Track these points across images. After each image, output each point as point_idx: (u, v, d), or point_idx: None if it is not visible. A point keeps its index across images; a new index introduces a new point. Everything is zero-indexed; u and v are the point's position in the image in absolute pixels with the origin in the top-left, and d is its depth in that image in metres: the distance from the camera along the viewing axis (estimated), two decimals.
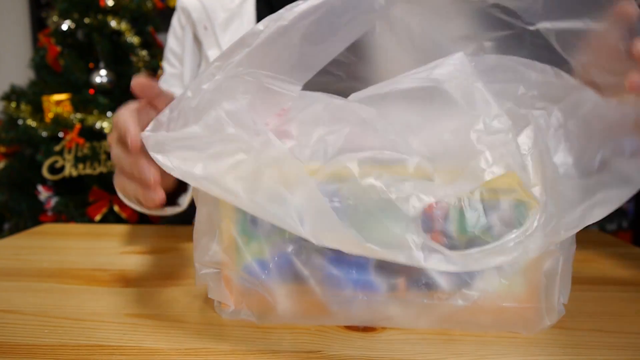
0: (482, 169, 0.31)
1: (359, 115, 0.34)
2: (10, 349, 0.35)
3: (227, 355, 0.34)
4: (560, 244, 0.35)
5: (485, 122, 0.32)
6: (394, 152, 0.33)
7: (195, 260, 0.38)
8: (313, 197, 0.31)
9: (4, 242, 0.66)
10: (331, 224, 0.31)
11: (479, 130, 0.32)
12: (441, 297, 0.35)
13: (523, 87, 0.36)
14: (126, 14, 1.48)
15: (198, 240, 0.38)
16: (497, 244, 0.31)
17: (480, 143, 0.32)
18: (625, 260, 0.57)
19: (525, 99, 0.36)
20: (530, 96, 0.36)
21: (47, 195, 1.43)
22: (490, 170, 0.31)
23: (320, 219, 0.31)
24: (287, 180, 0.31)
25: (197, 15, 0.74)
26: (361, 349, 0.35)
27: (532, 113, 0.35)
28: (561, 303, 0.36)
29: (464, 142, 0.32)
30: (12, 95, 1.52)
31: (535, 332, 0.37)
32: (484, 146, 0.32)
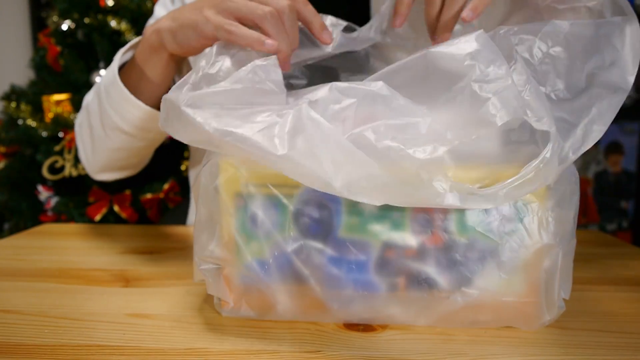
0: (493, 114, 0.32)
1: (366, 90, 0.35)
2: (10, 349, 0.35)
3: (227, 355, 0.34)
4: (559, 239, 0.35)
5: (481, 69, 0.33)
6: (405, 117, 0.33)
7: (195, 255, 0.38)
8: (347, 150, 0.31)
9: (4, 242, 0.66)
10: (366, 174, 0.31)
11: (478, 79, 0.33)
12: (441, 295, 0.35)
13: (504, 29, 0.37)
14: (126, 14, 1.48)
15: (199, 235, 0.38)
16: (518, 177, 0.31)
17: (483, 91, 0.32)
18: (625, 260, 0.57)
19: (507, 36, 0.37)
20: (511, 33, 0.37)
21: (47, 195, 1.42)
22: (499, 116, 0.32)
23: (355, 171, 0.31)
24: (320, 137, 0.32)
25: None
26: (361, 349, 0.35)
27: (515, 49, 0.36)
28: (562, 298, 0.36)
29: (469, 95, 0.33)
30: (12, 95, 1.52)
31: (536, 327, 0.37)
32: (488, 93, 0.32)
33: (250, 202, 0.36)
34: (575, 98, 0.35)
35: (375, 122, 0.33)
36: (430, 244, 0.35)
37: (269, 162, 0.32)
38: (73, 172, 1.40)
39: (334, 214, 0.35)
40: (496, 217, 0.35)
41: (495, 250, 0.35)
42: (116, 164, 0.71)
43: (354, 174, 0.31)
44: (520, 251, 0.35)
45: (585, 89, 0.35)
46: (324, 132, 0.32)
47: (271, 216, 0.36)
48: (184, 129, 0.35)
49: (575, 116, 0.34)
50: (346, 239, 0.36)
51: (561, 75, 0.35)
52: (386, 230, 0.35)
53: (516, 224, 0.35)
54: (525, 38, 0.36)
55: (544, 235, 0.35)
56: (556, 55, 0.36)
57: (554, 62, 0.35)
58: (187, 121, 0.34)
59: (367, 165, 0.31)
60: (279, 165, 0.32)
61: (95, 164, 0.71)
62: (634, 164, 2.01)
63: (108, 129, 0.63)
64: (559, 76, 0.35)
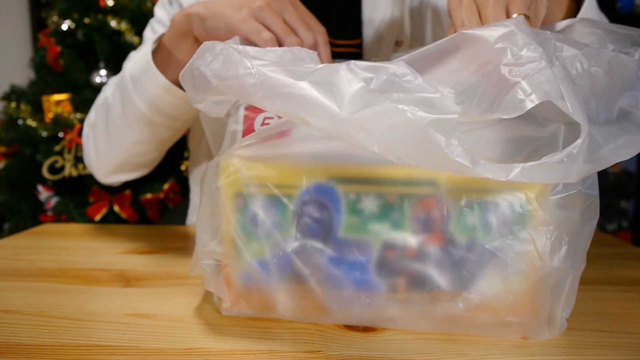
0: (521, 99, 0.29)
1: (383, 67, 0.33)
2: (10, 349, 0.35)
3: (227, 355, 0.34)
4: (570, 263, 0.34)
5: (514, 52, 0.31)
6: (420, 93, 0.32)
7: (197, 249, 0.38)
8: (353, 83, 0.31)
9: (4, 242, 0.66)
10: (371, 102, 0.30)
11: (508, 62, 0.31)
12: (442, 298, 0.35)
13: (549, 32, 0.35)
14: (126, 14, 1.48)
15: (200, 233, 0.38)
16: (540, 162, 0.29)
17: (512, 75, 0.30)
18: (625, 260, 0.57)
19: (550, 40, 0.35)
20: (555, 39, 0.35)
21: (47, 195, 1.42)
22: (529, 99, 0.29)
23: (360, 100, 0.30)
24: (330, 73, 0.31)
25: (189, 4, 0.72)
26: (361, 349, 0.35)
27: (556, 55, 0.34)
28: (564, 318, 0.36)
29: (496, 79, 0.31)
30: (12, 95, 1.52)
31: (535, 340, 0.36)
32: (518, 77, 0.30)
33: (250, 202, 0.36)
34: (604, 124, 0.32)
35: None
36: (431, 245, 0.35)
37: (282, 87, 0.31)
38: (73, 172, 1.40)
39: (334, 214, 0.35)
40: (508, 238, 0.34)
41: (504, 271, 0.34)
42: (133, 161, 0.71)
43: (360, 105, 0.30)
44: (529, 273, 0.34)
45: (616, 121, 0.33)
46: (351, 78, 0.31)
47: (271, 216, 0.36)
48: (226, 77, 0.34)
49: (603, 138, 0.31)
50: (346, 239, 0.36)
51: (596, 96, 0.33)
52: (386, 230, 0.35)
53: (528, 245, 0.34)
54: (568, 49, 0.34)
55: (555, 259, 0.34)
56: (596, 75, 0.33)
57: (592, 81, 0.33)
58: (231, 65, 0.33)
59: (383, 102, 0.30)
60: (337, 126, 0.30)
61: (109, 163, 0.71)
62: (634, 164, 2.01)
63: (133, 120, 0.64)
64: (594, 96, 0.33)
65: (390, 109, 0.29)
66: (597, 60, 0.34)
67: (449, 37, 0.35)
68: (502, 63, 0.31)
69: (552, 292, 0.35)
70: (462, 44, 0.34)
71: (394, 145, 0.29)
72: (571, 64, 0.33)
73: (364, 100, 0.30)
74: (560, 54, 0.34)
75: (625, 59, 0.34)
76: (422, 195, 0.35)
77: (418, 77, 0.32)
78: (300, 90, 0.31)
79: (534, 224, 0.34)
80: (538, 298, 0.35)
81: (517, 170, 0.29)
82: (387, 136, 0.29)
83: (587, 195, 0.34)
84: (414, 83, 0.32)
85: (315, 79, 0.31)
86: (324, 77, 0.31)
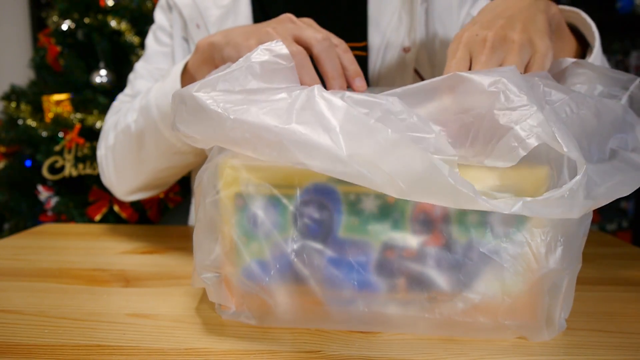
0: (514, 146, 0.31)
1: (378, 102, 0.33)
2: (10, 349, 0.35)
3: (227, 355, 0.34)
4: (566, 264, 0.34)
5: (507, 96, 0.32)
6: (415, 132, 0.32)
7: (196, 264, 0.38)
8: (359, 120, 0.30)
9: (4, 242, 0.66)
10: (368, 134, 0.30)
11: (501, 107, 0.32)
12: (441, 298, 0.35)
13: (537, 78, 0.36)
14: (126, 14, 1.48)
15: (199, 243, 0.38)
16: (543, 198, 0.30)
17: (505, 120, 0.31)
18: (625, 260, 0.57)
19: (539, 85, 0.35)
20: (544, 84, 0.36)
21: (47, 195, 1.42)
22: (522, 146, 0.30)
23: (357, 134, 0.30)
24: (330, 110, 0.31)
25: (189, 12, 0.72)
26: (361, 349, 0.35)
27: (546, 99, 0.35)
28: (563, 319, 0.36)
29: (489, 123, 0.32)
30: (12, 95, 1.52)
31: (534, 341, 0.36)
32: (511, 123, 0.31)
33: (250, 203, 0.36)
34: (598, 163, 0.33)
35: None
36: (430, 245, 0.35)
37: (274, 136, 0.31)
38: (73, 172, 1.40)
39: (334, 214, 0.35)
40: (503, 240, 0.34)
41: (501, 274, 0.34)
42: (156, 183, 0.71)
43: (366, 144, 0.30)
44: (526, 275, 0.34)
45: (608, 160, 0.33)
46: (335, 105, 0.31)
47: (271, 217, 0.36)
48: (194, 116, 0.34)
49: (599, 177, 0.32)
50: (346, 239, 0.36)
51: (587, 137, 0.34)
52: (386, 231, 0.35)
53: (523, 247, 0.34)
54: (557, 93, 0.35)
55: (551, 260, 0.34)
56: (585, 118, 0.34)
57: (581, 123, 0.34)
58: (196, 106, 0.33)
59: (383, 132, 0.30)
60: (284, 139, 0.31)
61: (131, 185, 0.71)
62: None
63: (160, 149, 0.63)
64: (586, 137, 0.34)
65: (396, 140, 0.30)
66: (585, 104, 0.35)
67: (443, 77, 0.36)
68: (494, 108, 0.32)
69: (550, 294, 0.35)
70: (456, 84, 0.35)
71: (398, 177, 0.29)
72: (560, 107, 0.34)
73: (364, 131, 0.30)
74: (550, 99, 0.35)
75: (610, 104, 0.35)
76: None
77: (413, 115, 0.33)
78: (292, 135, 0.30)
79: (529, 226, 0.34)
80: (535, 300, 0.35)
81: (520, 204, 0.30)
82: (393, 167, 0.29)
83: None
84: (409, 121, 0.33)
85: (303, 119, 0.31)
86: (312, 114, 0.31)
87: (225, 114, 0.32)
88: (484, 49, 0.42)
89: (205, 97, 0.33)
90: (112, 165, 0.71)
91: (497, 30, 0.42)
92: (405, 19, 0.68)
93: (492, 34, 0.42)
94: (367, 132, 0.30)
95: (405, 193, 0.30)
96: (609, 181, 0.32)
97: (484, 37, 0.42)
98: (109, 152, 0.70)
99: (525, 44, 0.42)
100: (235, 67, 0.37)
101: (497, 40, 0.42)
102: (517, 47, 0.42)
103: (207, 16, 0.71)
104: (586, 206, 0.31)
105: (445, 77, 0.35)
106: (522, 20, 0.44)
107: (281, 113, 0.31)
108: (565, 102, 0.34)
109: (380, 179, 0.30)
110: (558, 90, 0.35)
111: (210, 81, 0.35)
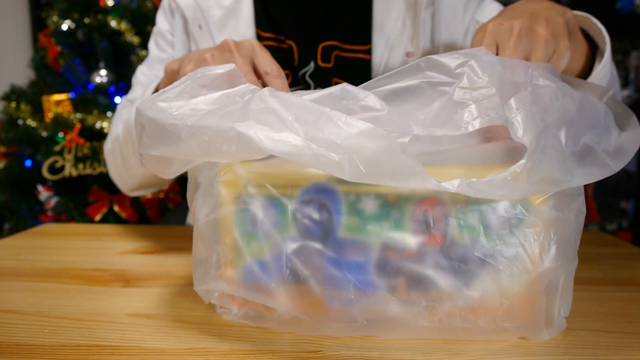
0: (466, 121, 0.32)
1: (331, 94, 0.35)
2: (10, 349, 0.35)
3: (227, 355, 0.34)
4: (561, 262, 0.34)
5: (470, 77, 0.33)
6: (368, 112, 0.33)
7: (195, 286, 0.39)
8: (313, 109, 0.31)
9: (4, 242, 0.66)
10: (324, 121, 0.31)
11: (463, 86, 0.33)
12: (440, 297, 0.35)
13: (531, 67, 0.37)
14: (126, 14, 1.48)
15: (197, 266, 0.39)
16: (487, 179, 0.31)
17: (464, 98, 0.33)
18: (625, 260, 0.57)
19: (528, 69, 0.36)
20: (533, 68, 0.36)
21: (47, 195, 1.42)
22: (472, 123, 0.32)
23: (314, 122, 0.31)
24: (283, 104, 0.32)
25: (191, 13, 0.72)
26: (361, 349, 0.35)
27: (532, 81, 0.35)
28: (562, 317, 0.36)
29: (450, 101, 0.33)
30: (12, 95, 1.52)
31: (534, 341, 0.36)
32: (468, 100, 0.32)
33: (250, 203, 0.36)
34: (566, 155, 0.34)
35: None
36: (430, 245, 0.35)
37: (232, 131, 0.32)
38: (73, 172, 1.40)
39: (334, 214, 0.35)
40: (497, 243, 0.34)
41: (497, 276, 0.34)
42: (152, 183, 0.77)
43: (324, 130, 0.31)
44: (522, 276, 0.34)
45: (578, 153, 0.34)
46: (288, 100, 0.32)
47: (271, 217, 0.36)
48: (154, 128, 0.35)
49: (563, 165, 0.33)
50: (346, 240, 0.36)
51: (566, 125, 0.35)
52: (386, 231, 0.35)
53: (517, 248, 0.34)
54: (544, 80, 0.36)
55: (545, 259, 0.34)
56: (567, 107, 0.35)
57: (563, 111, 0.35)
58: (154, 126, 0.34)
59: (336, 118, 0.31)
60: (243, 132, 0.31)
61: (130, 185, 0.77)
62: (634, 164, 2.01)
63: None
64: (564, 124, 0.34)
65: (352, 123, 0.30)
66: (570, 95, 0.35)
67: (415, 62, 0.36)
68: (458, 86, 0.33)
69: (547, 293, 0.35)
70: (428, 66, 0.35)
71: (356, 155, 0.30)
72: (545, 92, 0.35)
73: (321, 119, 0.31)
74: (536, 83, 0.35)
75: (594, 102, 0.36)
76: (422, 195, 0.35)
77: (367, 95, 0.34)
78: (250, 128, 0.31)
79: (521, 226, 0.34)
80: (533, 300, 0.35)
81: (464, 184, 0.31)
82: (349, 148, 0.30)
83: (571, 193, 0.35)
84: (361, 103, 0.34)
85: (260, 116, 0.32)
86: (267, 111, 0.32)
87: (181, 123, 0.33)
88: (511, 37, 0.42)
89: (160, 114, 0.34)
90: (111, 167, 0.77)
91: (523, 21, 0.42)
92: (409, 25, 0.68)
93: (519, 23, 0.42)
94: (324, 120, 0.31)
95: (362, 175, 0.30)
96: (574, 170, 0.33)
97: (511, 26, 0.42)
98: (108, 154, 0.77)
99: (550, 39, 0.42)
100: (184, 80, 0.37)
101: (524, 30, 0.42)
102: (543, 40, 0.42)
103: (209, 17, 0.71)
104: (529, 191, 0.32)
105: (417, 61, 0.36)
106: (545, 18, 0.44)
107: (237, 114, 0.32)
108: (551, 89, 0.35)
109: (338, 160, 0.30)
110: (545, 77, 0.36)
111: (162, 96, 0.35)
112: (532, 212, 0.34)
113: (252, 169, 0.36)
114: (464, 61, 0.34)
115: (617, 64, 2.24)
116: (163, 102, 0.34)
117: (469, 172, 0.34)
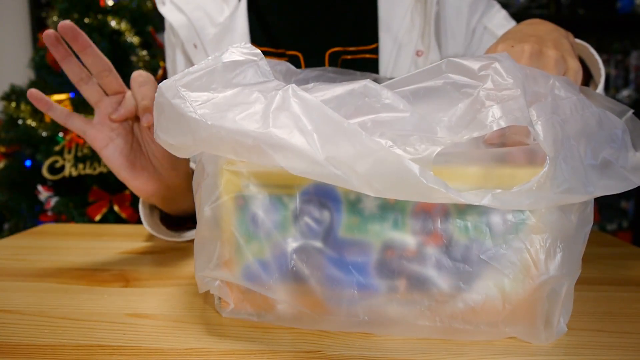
0: (491, 120, 0.31)
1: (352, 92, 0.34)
2: (10, 349, 0.35)
3: (227, 355, 0.34)
4: (566, 270, 0.34)
5: (494, 80, 0.33)
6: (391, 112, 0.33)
7: (197, 272, 0.39)
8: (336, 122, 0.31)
9: (4, 242, 0.66)
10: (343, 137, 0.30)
11: (487, 87, 0.33)
12: (441, 298, 0.35)
13: (552, 78, 0.37)
14: (126, 14, 1.48)
15: (200, 244, 0.38)
16: (513, 190, 0.30)
17: (489, 99, 0.32)
18: (625, 260, 0.57)
19: (548, 78, 0.36)
20: (553, 79, 0.36)
21: (47, 195, 1.42)
22: (498, 122, 0.31)
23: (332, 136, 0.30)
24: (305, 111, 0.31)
25: (185, 33, 0.71)
26: (361, 349, 0.35)
27: (554, 92, 0.35)
28: (563, 324, 0.36)
29: (474, 102, 0.33)
30: (12, 95, 1.52)
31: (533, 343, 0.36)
32: (492, 101, 0.32)
33: (250, 202, 0.36)
34: (588, 164, 0.34)
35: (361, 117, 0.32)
36: (431, 245, 0.35)
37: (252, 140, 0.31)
38: (73, 172, 1.40)
39: (334, 214, 0.35)
40: (503, 247, 0.34)
41: (500, 280, 0.34)
42: None
43: (342, 147, 0.30)
44: (526, 282, 0.34)
45: (599, 167, 0.34)
46: (310, 104, 0.31)
47: (272, 216, 0.36)
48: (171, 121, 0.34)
49: (584, 177, 0.33)
50: (346, 239, 0.36)
51: (586, 137, 0.34)
52: (386, 230, 0.35)
53: (523, 254, 0.34)
54: (565, 92, 0.35)
55: (551, 266, 0.34)
56: (587, 120, 0.35)
57: (583, 123, 0.34)
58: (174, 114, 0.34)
59: (358, 135, 0.30)
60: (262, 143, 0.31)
61: None
62: None
63: None
64: (584, 136, 0.34)
65: (368, 144, 0.30)
66: (590, 109, 0.35)
67: (435, 64, 0.36)
68: (482, 88, 0.33)
69: (549, 300, 0.35)
70: (450, 68, 0.35)
71: (373, 178, 0.30)
72: (565, 103, 0.35)
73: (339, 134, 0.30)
74: (557, 94, 0.35)
75: (614, 118, 0.36)
76: None
77: (388, 95, 0.33)
78: (270, 139, 0.31)
79: (528, 232, 0.34)
80: (534, 306, 0.35)
81: (489, 196, 0.30)
82: (367, 169, 0.30)
83: (581, 202, 0.34)
84: (384, 102, 0.33)
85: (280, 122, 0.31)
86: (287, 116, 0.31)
87: (202, 120, 0.32)
88: (522, 58, 0.43)
89: (182, 104, 0.33)
90: None
91: (532, 45, 0.43)
92: (418, 21, 0.67)
93: (529, 46, 0.43)
94: (342, 135, 0.30)
95: (380, 192, 0.30)
96: (591, 185, 0.32)
97: (522, 49, 0.43)
98: None
99: (560, 60, 0.43)
100: (209, 65, 0.37)
101: (535, 53, 0.43)
102: (553, 61, 0.43)
103: (204, 35, 0.70)
104: (554, 200, 0.31)
105: (437, 64, 0.36)
106: (552, 40, 0.45)
107: (257, 117, 0.31)
108: (571, 101, 0.35)
109: (356, 181, 0.30)
110: (566, 89, 0.36)
111: (187, 82, 0.35)
112: (539, 218, 0.34)
113: (254, 169, 0.36)
114: (488, 63, 0.34)
115: (617, 64, 2.24)
116: (185, 89, 0.34)
117: (485, 171, 0.34)
